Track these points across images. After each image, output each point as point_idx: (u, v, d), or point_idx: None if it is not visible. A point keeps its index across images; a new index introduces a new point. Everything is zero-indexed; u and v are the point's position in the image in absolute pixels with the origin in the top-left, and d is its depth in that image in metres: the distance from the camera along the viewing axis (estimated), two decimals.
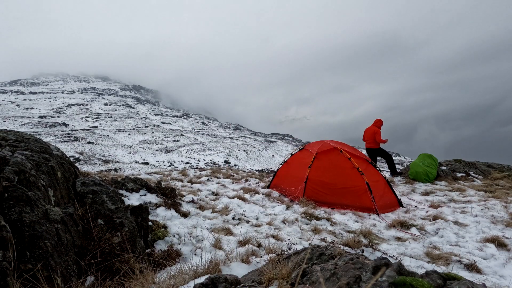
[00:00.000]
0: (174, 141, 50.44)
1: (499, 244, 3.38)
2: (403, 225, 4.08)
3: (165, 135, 54.15)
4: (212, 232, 3.29)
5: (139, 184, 3.77)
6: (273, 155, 48.96)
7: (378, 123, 8.40)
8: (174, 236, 3.00)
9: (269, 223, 3.94)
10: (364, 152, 8.26)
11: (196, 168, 11.66)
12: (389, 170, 8.67)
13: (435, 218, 4.39)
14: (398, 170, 8.72)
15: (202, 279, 1.52)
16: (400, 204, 5.24)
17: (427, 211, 4.88)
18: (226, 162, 39.81)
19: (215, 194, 5.36)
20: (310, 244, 3.10)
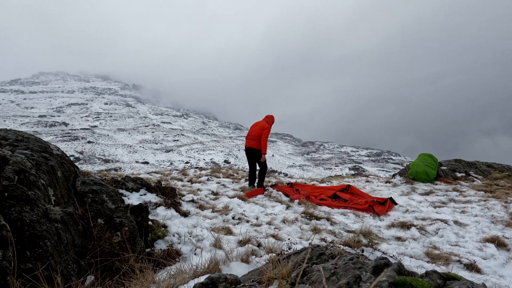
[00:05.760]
0: (174, 140, 50.49)
1: (499, 244, 3.38)
2: (403, 225, 4.08)
3: (165, 134, 54.20)
4: (212, 232, 3.29)
5: (139, 184, 3.77)
6: (273, 155, 48.99)
7: (270, 120, 6.52)
8: (174, 235, 3.00)
9: (269, 223, 3.94)
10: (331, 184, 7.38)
11: (196, 167, 11.65)
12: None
13: (434, 218, 4.39)
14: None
15: (202, 278, 1.52)
16: (393, 202, 5.27)
17: (426, 212, 4.88)
18: (226, 161, 39.84)
19: (215, 194, 5.36)
20: (310, 243, 3.10)
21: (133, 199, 3.43)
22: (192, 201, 4.51)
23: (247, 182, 6.99)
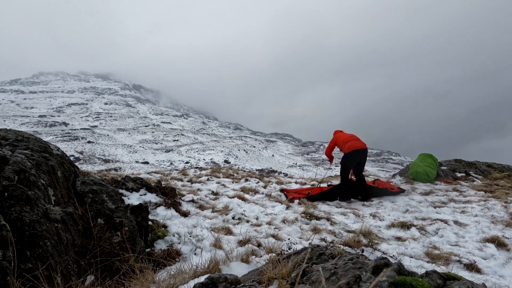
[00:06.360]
0: (174, 140, 50.51)
1: (499, 244, 3.38)
2: (403, 225, 4.08)
3: (165, 134, 54.23)
4: (212, 232, 3.29)
5: (139, 184, 3.77)
6: (273, 155, 49.03)
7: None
8: (174, 235, 3.00)
9: (269, 223, 3.94)
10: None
11: (196, 167, 11.65)
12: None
13: (434, 218, 4.39)
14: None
15: (202, 278, 1.52)
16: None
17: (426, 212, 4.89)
18: (226, 161, 39.86)
19: (215, 194, 5.36)
20: (310, 243, 3.11)
21: (133, 199, 3.43)
22: (192, 201, 4.51)
23: (247, 182, 6.98)
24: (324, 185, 7.45)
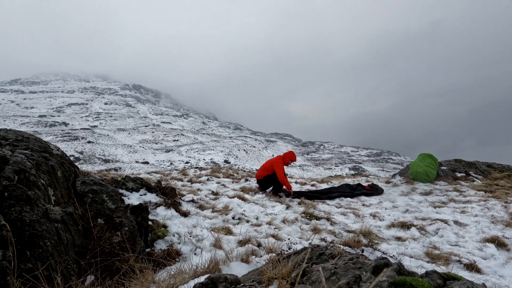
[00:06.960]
0: (174, 140, 50.53)
1: (499, 244, 3.38)
2: (403, 225, 4.08)
3: (165, 134, 54.24)
4: (212, 232, 3.29)
5: (139, 184, 3.77)
6: (273, 155, 48.99)
7: (285, 155, 6.48)
8: (174, 235, 3.00)
9: (269, 223, 3.94)
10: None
11: (196, 167, 11.66)
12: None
13: (434, 218, 4.39)
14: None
15: (202, 278, 1.52)
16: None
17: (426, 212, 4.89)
18: (226, 161, 39.87)
19: (215, 194, 5.36)
20: (310, 243, 3.10)
21: (133, 199, 3.43)
22: (192, 201, 4.51)
23: (247, 182, 6.99)
24: (324, 185, 7.46)
